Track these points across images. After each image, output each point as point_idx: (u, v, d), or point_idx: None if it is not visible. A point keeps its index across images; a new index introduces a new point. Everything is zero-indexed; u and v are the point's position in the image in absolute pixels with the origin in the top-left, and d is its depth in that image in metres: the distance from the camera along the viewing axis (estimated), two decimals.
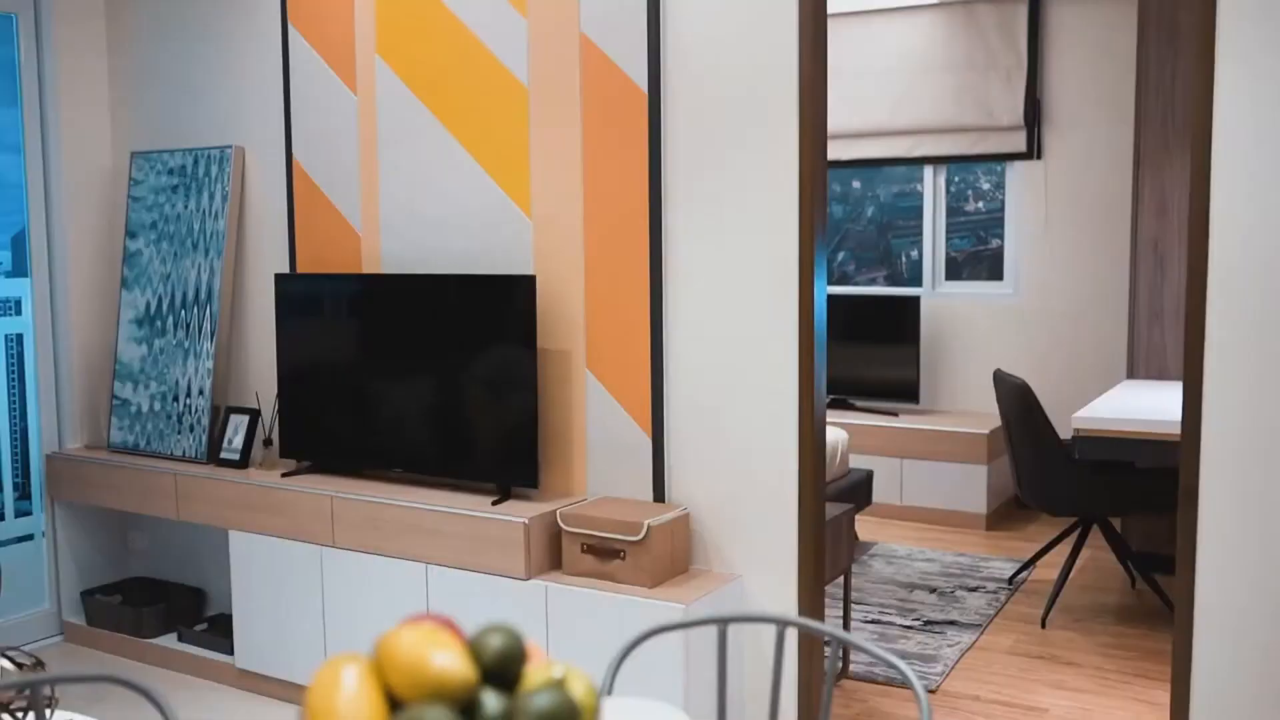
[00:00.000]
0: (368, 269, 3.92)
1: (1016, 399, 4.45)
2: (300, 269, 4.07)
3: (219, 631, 4.13)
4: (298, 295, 3.89)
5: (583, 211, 3.47)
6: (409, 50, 3.76)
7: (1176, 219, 4.92)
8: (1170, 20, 4.88)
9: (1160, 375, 4.99)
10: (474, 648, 1.07)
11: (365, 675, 1.03)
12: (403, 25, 3.77)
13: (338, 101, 3.93)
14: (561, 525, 3.29)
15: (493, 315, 3.47)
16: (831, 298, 6.40)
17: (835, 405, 6.49)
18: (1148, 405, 4.28)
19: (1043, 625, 4.41)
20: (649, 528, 3.14)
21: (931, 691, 3.80)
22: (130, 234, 4.40)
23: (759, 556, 3.27)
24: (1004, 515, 6.12)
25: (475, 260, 3.70)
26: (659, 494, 3.40)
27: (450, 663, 1.00)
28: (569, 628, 3.21)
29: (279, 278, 3.93)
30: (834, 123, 6.63)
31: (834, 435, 5.15)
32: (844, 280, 6.96)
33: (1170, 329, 4.94)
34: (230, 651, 4.00)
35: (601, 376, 3.47)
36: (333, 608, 3.68)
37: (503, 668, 1.06)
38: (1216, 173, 2.65)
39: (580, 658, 3.19)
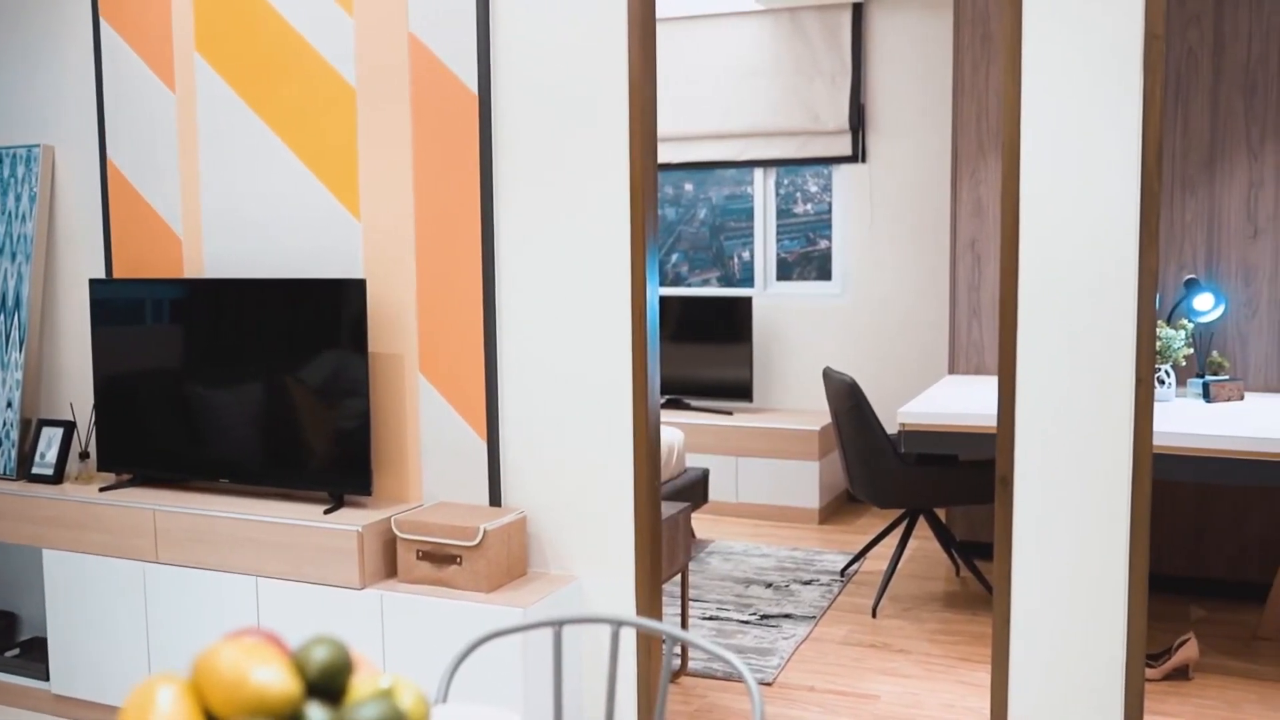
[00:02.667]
0: (190, 273, 3.78)
1: (845, 396, 4.58)
2: (117, 274, 3.91)
3: (33, 657, 3.92)
4: (114, 301, 3.73)
5: (413, 214, 3.42)
6: (230, 47, 3.65)
7: (992, 220, 5.13)
8: (983, 29, 5.09)
9: (979, 370, 5.20)
10: (298, 661, 1.04)
11: (182, 695, 0.99)
12: (223, 21, 3.65)
13: (155, 100, 3.78)
14: (396, 532, 3.24)
15: (322, 320, 3.39)
16: (665, 299, 6.47)
17: (671, 405, 6.56)
18: (968, 400, 4.45)
19: (874, 615, 4.55)
20: (485, 532, 3.11)
21: (768, 684, 3.88)
22: None
23: (596, 557, 3.28)
24: (835, 509, 6.28)
25: (303, 263, 3.61)
26: (495, 498, 3.38)
27: (271, 678, 0.97)
28: (406, 636, 3.16)
29: (94, 283, 3.77)
30: (666, 126, 6.70)
31: (669, 435, 5.21)
32: (678, 281, 7.04)
33: (988, 326, 5.15)
34: (46, 677, 3.80)
35: (435, 380, 3.43)
36: (157, 627, 3.54)
37: (328, 680, 1.03)
38: (1025, 175, 2.78)
39: (418, 666, 3.15)
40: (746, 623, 4.46)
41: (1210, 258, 4.72)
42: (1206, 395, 4.40)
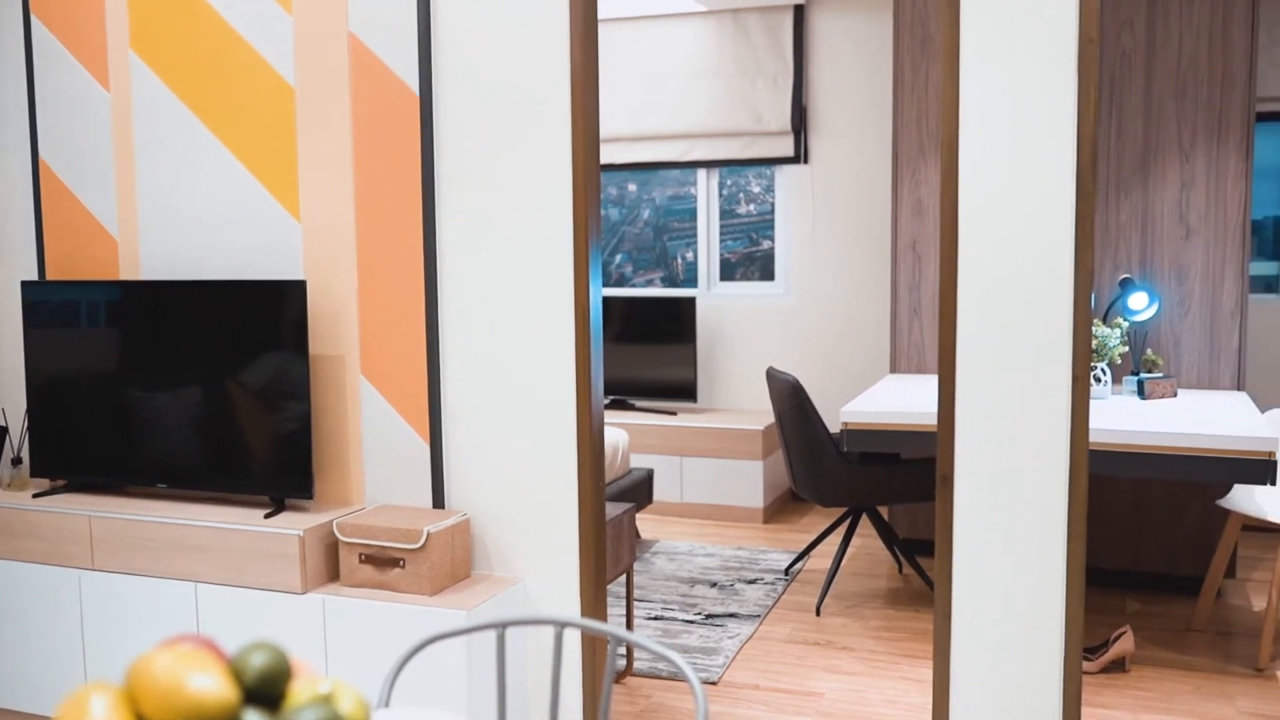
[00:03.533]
0: (125, 275, 3.72)
1: (788, 395, 4.60)
2: (50, 275, 3.83)
3: None
4: (48, 304, 3.66)
5: (354, 215, 3.39)
6: (166, 46, 3.60)
7: (932, 220, 5.19)
8: (922, 32, 5.15)
9: (920, 369, 5.25)
10: (235, 667, 1.03)
11: (116, 704, 0.97)
12: (159, 19, 3.60)
13: (88, 99, 3.72)
14: (338, 536, 3.21)
15: (262, 322, 3.36)
16: (609, 299, 6.47)
17: (615, 406, 6.56)
18: (909, 398, 4.49)
19: (817, 613, 4.58)
20: (428, 534, 3.09)
21: (713, 683, 3.89)
22: None
23: (541, 559, 3.27)
24: (780, 508, 6.32)
25: (242, 265, 3.56)
26: (438, 500, 3.36)
27: (208, 685, 0.96)
28: (349, 640, 3.13)
29: (26, 285, 3.69)
30: (609, 126, 6.70)
31: (614, 435, 5.21)
32: (622, 282, 7.04)
33: (928, 325, 5.21)
34: None
35: (377, 382, 3.40)
36: (93, 635, 3.48)
37: (266, 687, 1.02)
38: (964, 176, 2.81)
39: (362, 670, 3.12)
40: (691, 622, 4.48)
41: (1144, 257, 4.81)
42: (1141, 392, 4.48)
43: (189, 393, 3.48)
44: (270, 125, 3.48)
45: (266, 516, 3.33)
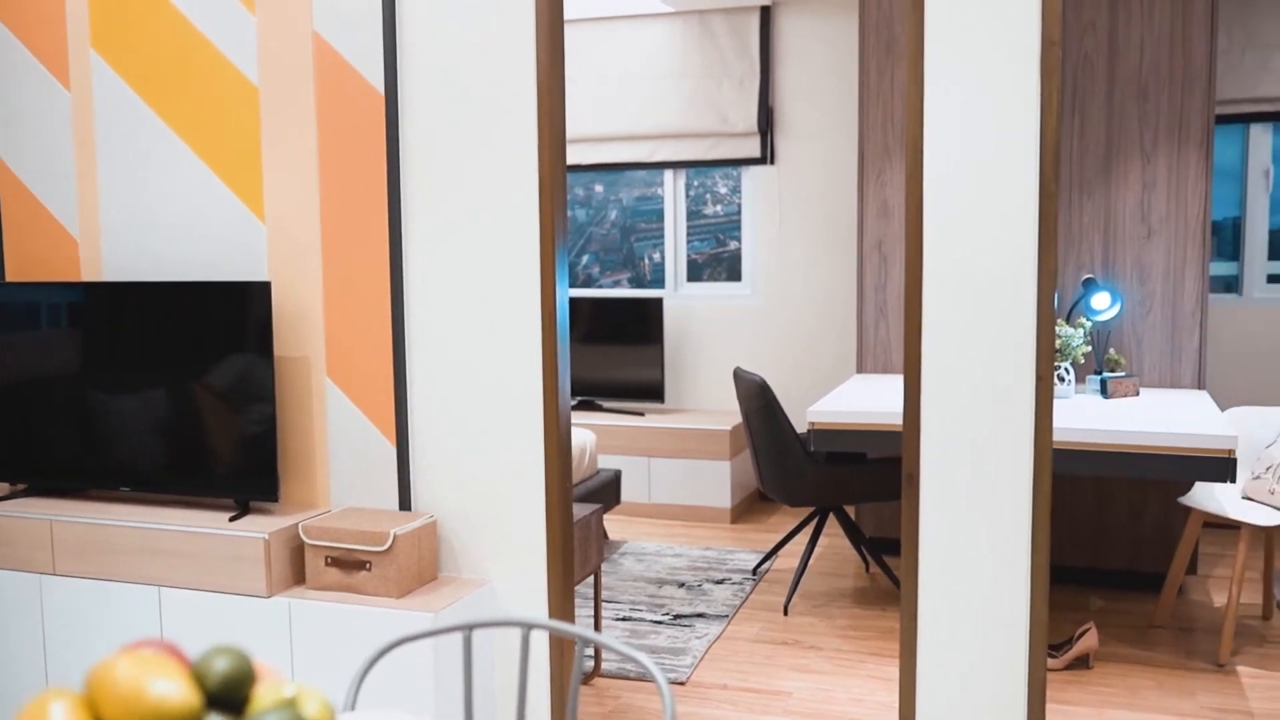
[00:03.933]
0: (87, 277, 3.69)
1: (755, 395, 4.61)
2: (9, 277, 3.79)
3: None
4: (8, 306, 3.62)
5: (319, 215, 3.37)
6: (128, 45, 3.56)
7: (898, 221, 5.21)
8: (887, 34, 5.17)
9: (886, 369, 5.28)
10: (197, 672, 1.02)
11: (76, 710, 0.96)
12: (120, 18, 3.56)
13: (48, 98, 3.68)
14: (304, 539, 3.19)
15: (226, 324, 3.33)
16: (576, 300, 6.46)
17: (583, 407, 6.56)
18: (875, 398, 4.51)
19: (785, 612, 4.59)
20: (394, 537, 3.08)
21: (681, 683, 3.89)
22: None
23: (508, 560, 3.27)
24: (747, 508, 6.33)
25: (206, 266, 3.54)
26: (405, 502, 3.35)
27: (170, 690, 0.95)
28: (315, 644, 3.11)
29: None
30: (576, 127, 6.69)
31: (581, 436, 5.21)
32: (589, 283, 7.04)
33: (894, 325, 5.23)
34: None
35: (343, 384, 3.38)
36: (55, 641, 3.44)
37: (230, 691, 1.01)
38: (928, 177, 2.83)
39: (328, 674, 3.11)
40: (660, 623, 4.48)
41: (1107, 258, 4.86)
42: (1104, 392, 4.52)
43: (152, 395, 3.45)
44: (234, 125, 3.46)
45: (231, 519, 3.31)
